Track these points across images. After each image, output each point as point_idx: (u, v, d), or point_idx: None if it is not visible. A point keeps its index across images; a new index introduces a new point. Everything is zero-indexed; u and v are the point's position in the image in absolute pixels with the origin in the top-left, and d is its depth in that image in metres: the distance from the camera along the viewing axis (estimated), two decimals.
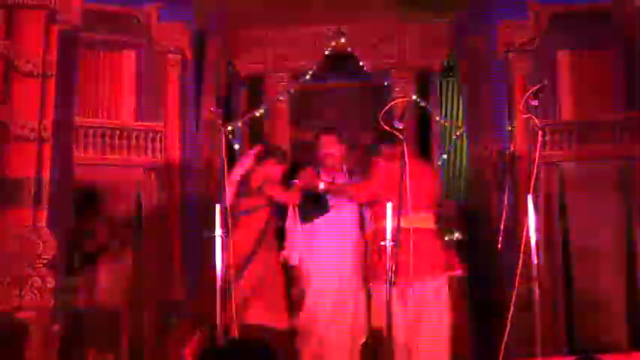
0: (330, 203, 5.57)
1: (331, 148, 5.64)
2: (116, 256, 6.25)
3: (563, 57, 6.71)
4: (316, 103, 8.27)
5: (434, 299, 5.17)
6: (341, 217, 5.57)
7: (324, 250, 5.51)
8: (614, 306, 6.37)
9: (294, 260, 5.62)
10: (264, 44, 7.95)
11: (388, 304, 4.21)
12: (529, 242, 4.32)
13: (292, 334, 5.52)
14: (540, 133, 4.50)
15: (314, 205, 5.57)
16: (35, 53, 5.07)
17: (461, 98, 7.83)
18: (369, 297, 5.43)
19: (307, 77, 7.84)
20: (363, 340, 5.52)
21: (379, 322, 4.96)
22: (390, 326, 4.36)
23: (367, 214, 5.58)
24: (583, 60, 6.71)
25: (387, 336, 4.34)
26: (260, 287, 5.33)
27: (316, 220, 5.59)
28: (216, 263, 4.53)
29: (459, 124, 7.89)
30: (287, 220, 5.72)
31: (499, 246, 4.51)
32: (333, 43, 7.81)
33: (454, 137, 7.80)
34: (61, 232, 5.28)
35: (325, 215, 5.57)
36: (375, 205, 5.30)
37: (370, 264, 5.31)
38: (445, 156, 7.92)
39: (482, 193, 6.99)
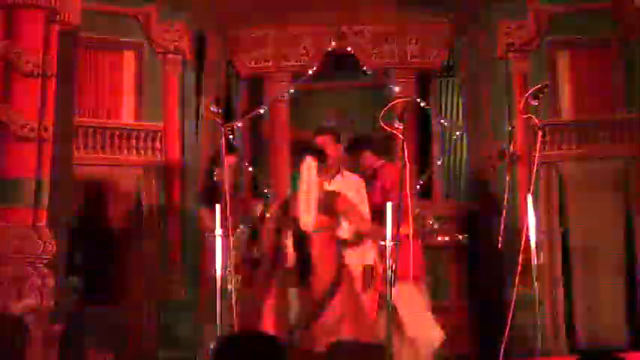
0: None
1: (328, 148, 5.61)
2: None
3: (563, 57, 6.71)
4: (316, 103, 8.26)
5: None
6: None
7: None
8: (614, 306, 6.38)
9: None
10: (264, 44, 7.92)
11: (389, 303, 4.20)
12: (529, 242, 4.32)
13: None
14: (540, 133, 4.50)
15: None
16: (35, 53, 5.05)
17: (461, 98, 7.82)
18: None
19: (307, 77, 7.82)
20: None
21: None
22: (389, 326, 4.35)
23: None
24: (583, 60, 6.71)
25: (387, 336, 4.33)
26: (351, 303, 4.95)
27: None
28: (216, 263, 4.53)
29: (459, 124, 7.87)
30: None
31: (499, 246, 4.50)
32: (333, 43, 7.80)
33: (454, 137, 7.78)
34: (61, 232, 5.27)
35: None
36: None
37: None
38: (445, 156, 7.90)
39: (482, 193, 6.99)
